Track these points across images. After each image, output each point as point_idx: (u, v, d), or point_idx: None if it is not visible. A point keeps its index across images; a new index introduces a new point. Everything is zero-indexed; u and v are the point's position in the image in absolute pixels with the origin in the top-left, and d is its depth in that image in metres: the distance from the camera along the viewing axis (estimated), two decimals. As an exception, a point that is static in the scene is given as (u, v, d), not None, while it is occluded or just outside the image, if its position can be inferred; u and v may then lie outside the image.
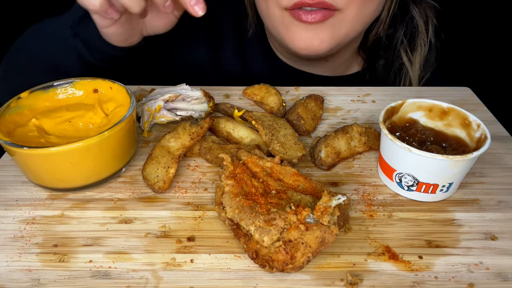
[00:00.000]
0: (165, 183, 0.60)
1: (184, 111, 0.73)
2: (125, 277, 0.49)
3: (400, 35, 0.92)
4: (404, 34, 0.92)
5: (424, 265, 0.50)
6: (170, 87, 0.76)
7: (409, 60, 0.93)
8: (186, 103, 0.73)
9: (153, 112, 0.71)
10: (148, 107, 0.71)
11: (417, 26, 0.91)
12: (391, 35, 0.92)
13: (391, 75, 0.95)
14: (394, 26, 0.92)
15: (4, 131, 0.58)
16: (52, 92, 0.67)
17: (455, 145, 0.61)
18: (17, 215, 0.57)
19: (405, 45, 0.92)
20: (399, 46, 0.93)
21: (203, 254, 0.51)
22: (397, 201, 0.59)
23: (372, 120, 0.77)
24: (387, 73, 0.96)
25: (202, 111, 0.74)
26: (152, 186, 0.60)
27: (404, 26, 0.91)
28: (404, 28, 0.91)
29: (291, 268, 0.47)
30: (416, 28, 0.91)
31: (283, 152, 0.64)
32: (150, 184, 0.60)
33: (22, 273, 0.49)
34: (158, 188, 0.59)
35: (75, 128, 0.65)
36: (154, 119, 0.72)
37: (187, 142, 0.66)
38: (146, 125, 0.72)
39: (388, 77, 0.96)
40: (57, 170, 0.57)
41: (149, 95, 0.75)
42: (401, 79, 0.95)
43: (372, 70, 0.98)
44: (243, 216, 0.50)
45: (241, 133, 0.71)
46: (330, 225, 0.48)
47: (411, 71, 0.93)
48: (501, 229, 0.55)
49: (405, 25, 0.91)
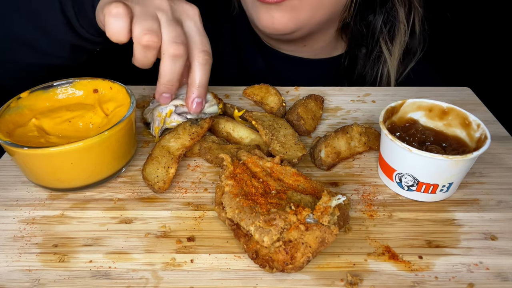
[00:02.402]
0: (165, 183, 0.60)
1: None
2: (125, 277, 0.49)
3: (379, 23, 0.93)
4: (383, 22, 0.93)
5: (424, 265, 0.50)
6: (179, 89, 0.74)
7: (387, 49, 0.94)
8: None
9: (164, 118, 0.70)
10: (158, 113, 0.70)
11: (397, 14, 0.91)
12: (370, 23, 0.93)
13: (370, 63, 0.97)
14: (373, 14, 0.92)
15: (4, 131, 0.58)
16: (52, 92, 0.67)
17: (455, 145, 0.61)
18: (17, 215, 0.57)
19: (385, 34, 0.93)
20: (378, 35, 0.94)
21: (203, 254, 0.51)
22: (397, 201, 0.59)
23: (372, 120, 0.77)
24: (368, 61, 0.97)
25: (212, 113, 0.73)
26: (152, 186, 0.60)
27: (383, 14, 0.92)
28: (383, 16, 0.92)
29: (291, 268, 0.47)
30: (396, 17, 0.92)
31: (283, 152, 0.64)
32: (150, 184, 0.60)
33: (22, 273, 0.49)
34: (158, 188, 0.59)
35: (75, 128, 0.65)
36: (165, 124, 0.71)
37: (187, 142, 0.66)
38: (157, 131, 0.71)
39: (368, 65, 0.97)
40: (57, 170, 0.57)
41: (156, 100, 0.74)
42: (379, 68, 0.97)
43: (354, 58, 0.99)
44: (243, 216, 0.50)
45: (241, 133, 0.71)
46: (330, 225, 0.48)
47: (389, 60, 0.95)
48: (501, 229, 0.55)
49: (384, 13, 0.92)
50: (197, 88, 0.66)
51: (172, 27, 0.61)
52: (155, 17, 0.61)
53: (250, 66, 1.07)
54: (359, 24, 0.94)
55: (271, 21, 0.86)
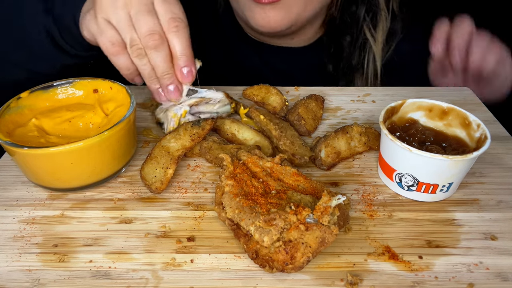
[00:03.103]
0: (163, 183, 0.60)
1: (207, 113, 0.73)
2: (125, 277, 0.49)
3: (362, 13, 0.98)
4: (366, 11, 0.98)
5: (424, 265, 0.50)
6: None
7: (372, 36, 0.99)
8: (210, 106, 0.73)
9: (179, 118, 0.70)
10: (173, 113, 0.70)
11: (378, 3, 0.97)
12: (353, 12, 0.99)
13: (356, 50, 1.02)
14: (356, 4, 0.98)
15: (4, 131, 0.58)
16: (52, 92, 0.67)
17: (455, 145, 0.61)
18: (17, 215, 0.57)
19: (368, 22, 0.99)
20: (362, 23, 0.99)
21: (203, 254, 0.51)
22: (397, 201, 0.59)
23: (372, 120, 0.77)
24: (354, 48, 1.02)
25: (225, 113, 0.74)
26: (149, 186, 0.60)
27: (365, 4, 0.98)
28: (365, 6, 0.98)
29: (291, 268, 0.47)
30: (377, 5, 0.98)
31: (293, 148, 0.64)
32: (148, 184, 0.60)
33: (22, 273, 0.49)
34: (155, 188, 0.59)
35: (75, 128, 0.65)
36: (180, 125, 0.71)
37: (188, 143, 0.65)
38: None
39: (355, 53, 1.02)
40: (57, 170, 0.57)
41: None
42: (365, 54, 1.01)
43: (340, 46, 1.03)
44: (243, 216, 0.50)
45: (246, 135, 0.71)
46: (330, 225, 0.48)
47: (374, 46, 1.00)
48: (501, 229, 0.55)
49: (366, 3, 0.98)
50: (180, 58, 0.64)
51: (141, 20, 0.60)
52: (123, 19, 0.61)
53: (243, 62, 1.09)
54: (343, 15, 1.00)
55: (267, 20, 0.88)
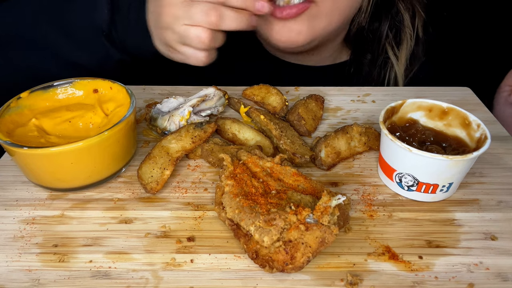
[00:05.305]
0: (158, 184, 0.60)
1: (207, 110, 0.75)
2: (125, 277, 0.49)
3: (385, 29, 0.92)
4: (389, 28, 0.92)
5: (424, 265, 0.50)
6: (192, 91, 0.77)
7: (394, 55, 0.93)
8: (209, 102, 0.75)
9: (186, 120, 0.71)
10: (181, 117, 0.71)
11: (403, 20, 0.91)
12: (376, 29, 0.93)
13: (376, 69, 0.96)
14: (378, 20, 0.92)
15: (4, 131, 0.58)
16: (52, 92, 0.67)
17: (455, 145, 0.60)
18: (17, 215, 0.57)
19: (391, 39, 0.93)
20: (385, 41, 0.93)
21: (203, 254, 0.51)
22: (397, 201, 0.59)
23: (372, 120, 0.77)
24: (373, 67, 0.96)
25: (221, 105, 0.77)
26: (145, 186, 0.60)
27: (389, 19, 0.91)
28: (389, 22, 0.91)
29: (291, 268, 0.47)
30: (402, 22, 0.91)
31: (294, 148, 0.64)
32: (143, 184, 0.60)
33: (22, 273, 0.49)
34: (150, 188, 0.59)
35: (75, 128, 0.65)
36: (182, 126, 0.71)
37: (188, 145, 0.65)
38: None
39: (374, 71, 0.96)
40: (57, 170, 0.57)
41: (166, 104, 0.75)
42: (386, 74, 0.96)
43: (359, 64, 0.98)
44: (243, 216, 0.50)
45: (246, 135, 0.71)
46: (330, 225, 0.48)
47: (396, 66, 0.94)
48: (501, 229, 0.55)
49: (390, 19, 0.91)
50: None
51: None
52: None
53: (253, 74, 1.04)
54: (365, 30, 0.93)
55: (289, 35, 0.82)
